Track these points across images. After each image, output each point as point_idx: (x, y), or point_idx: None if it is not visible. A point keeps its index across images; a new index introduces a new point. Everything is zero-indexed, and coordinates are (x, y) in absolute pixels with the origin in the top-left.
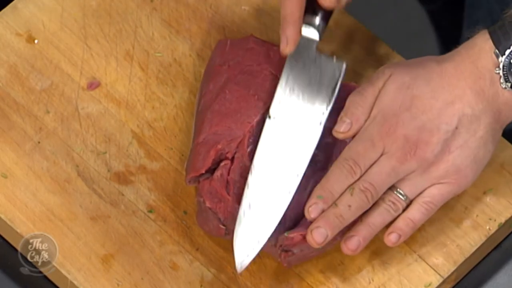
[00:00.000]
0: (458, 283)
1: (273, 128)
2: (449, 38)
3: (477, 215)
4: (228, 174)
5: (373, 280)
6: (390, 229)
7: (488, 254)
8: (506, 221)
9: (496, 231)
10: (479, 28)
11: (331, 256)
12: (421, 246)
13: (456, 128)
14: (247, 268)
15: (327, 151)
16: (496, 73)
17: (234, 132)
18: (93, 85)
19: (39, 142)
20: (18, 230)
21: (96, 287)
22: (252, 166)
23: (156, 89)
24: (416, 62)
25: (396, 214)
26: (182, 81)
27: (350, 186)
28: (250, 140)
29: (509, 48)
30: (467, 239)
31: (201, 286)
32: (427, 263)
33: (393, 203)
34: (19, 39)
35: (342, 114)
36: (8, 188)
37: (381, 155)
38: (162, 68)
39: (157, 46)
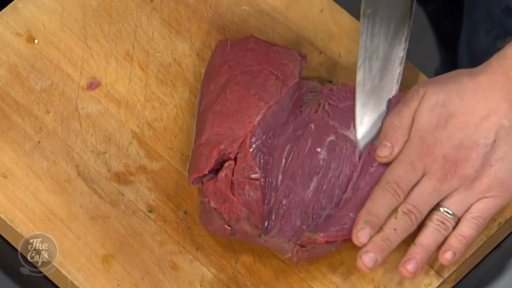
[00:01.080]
0: (458, 283)
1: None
2: (448, 39)
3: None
4: (233, 175)
5: (373, 280)
6: (444, 248)
7: (488, 254)
8: (506, 221)
9: (496, 231)
10: (509, 39)
11: (331, 256)
12: None
13: (495, 141)
14: (247, 268)
15: (330, 149)
16: None
17: (236, 132)
18: (93, 85)
19: (39, 142)
20: (18, 230)
21: (96, 287)
22: None
23: (156, 89)
24: (449, 78)
25: (446, 233)
26: (182, 81)
27: (394, 210)
28: (252, 140)
29: None
30: None
31: (201, 286)
32: (427, 263)
33: (442, 222)
34: (19, 39)
35: (381, 137)
36: (8, 188)
37: (422, 176)
38: (162, 68)
39: (157, 46)
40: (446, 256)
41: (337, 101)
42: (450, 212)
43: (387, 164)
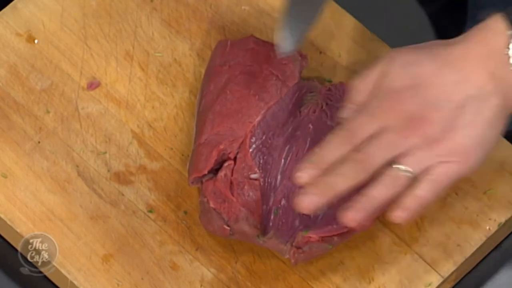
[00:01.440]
0: (458, 283)
1: None
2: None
3: (477, 215)
4: (232, 175)
5: (373, 280)
6: (396, 205)
7: (488, 254)
8: (506, 221)
9: (496, 231)
10: (490, 12)
11: (331, 256)
12: (421, 246)
13: (463, 107)
14: (247, 268)
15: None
16: (506, 53)
17: (236, 133)
18: (93, 85)
19: (39, 142)
20: (18, 230)
21: (96, 287)
22: None
23: (156, 89)
24: (422, 45)
25: (398, 189)
26: (182, 81)
27: (344, 157)
28: (252, 140)
29: None
30: (467, 239)
31: (201, 286)
32: (427, 263)
33: (396, 177)
34: (19, 39)
35: (345, 100)
36: (8, 188)
37: (382, 130)
38: (162, 68)
39: (157, 46)
40: (399, 213)
41: (335, 101)
42: (408, 169)
43: None
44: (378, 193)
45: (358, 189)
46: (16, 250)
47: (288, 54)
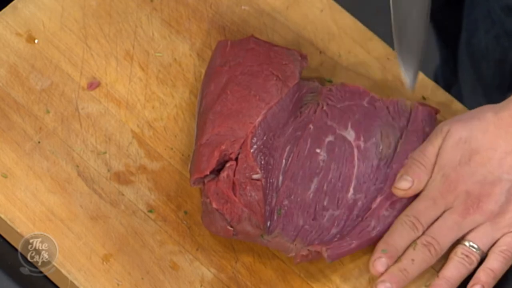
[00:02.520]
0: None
1: None
2: (449, 38)
3: None
4: (234, 175)
5: (373, 280)
6: (472, 281)
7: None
8: None
9: None
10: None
11: None
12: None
13: None
14: (247, 268)
15: (330, 150)
16: None
17: (236, 133)
18: (93, 85)
19: (39, 142)
20: (18, 230)
21: (96, 287)
22: None
23: (156, 89)
24: (472, 114)
25: (471, 267)
26: (182, 81)
27: (413, 242)
28: (253, 141)
29: None
30: None
31: (201, 286)
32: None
33: (466, 256)
34: (19, 39)
35: (403, 171)
36: (8, 188)
37: (444, 212)
38: (162, 68)
39: (157, 46)
40: None
41: (335, 101)
42: (475, 246)
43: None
44: (454, 273)
45: None
46: (16, 250)
47: (414, 87)
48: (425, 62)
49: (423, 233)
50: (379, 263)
